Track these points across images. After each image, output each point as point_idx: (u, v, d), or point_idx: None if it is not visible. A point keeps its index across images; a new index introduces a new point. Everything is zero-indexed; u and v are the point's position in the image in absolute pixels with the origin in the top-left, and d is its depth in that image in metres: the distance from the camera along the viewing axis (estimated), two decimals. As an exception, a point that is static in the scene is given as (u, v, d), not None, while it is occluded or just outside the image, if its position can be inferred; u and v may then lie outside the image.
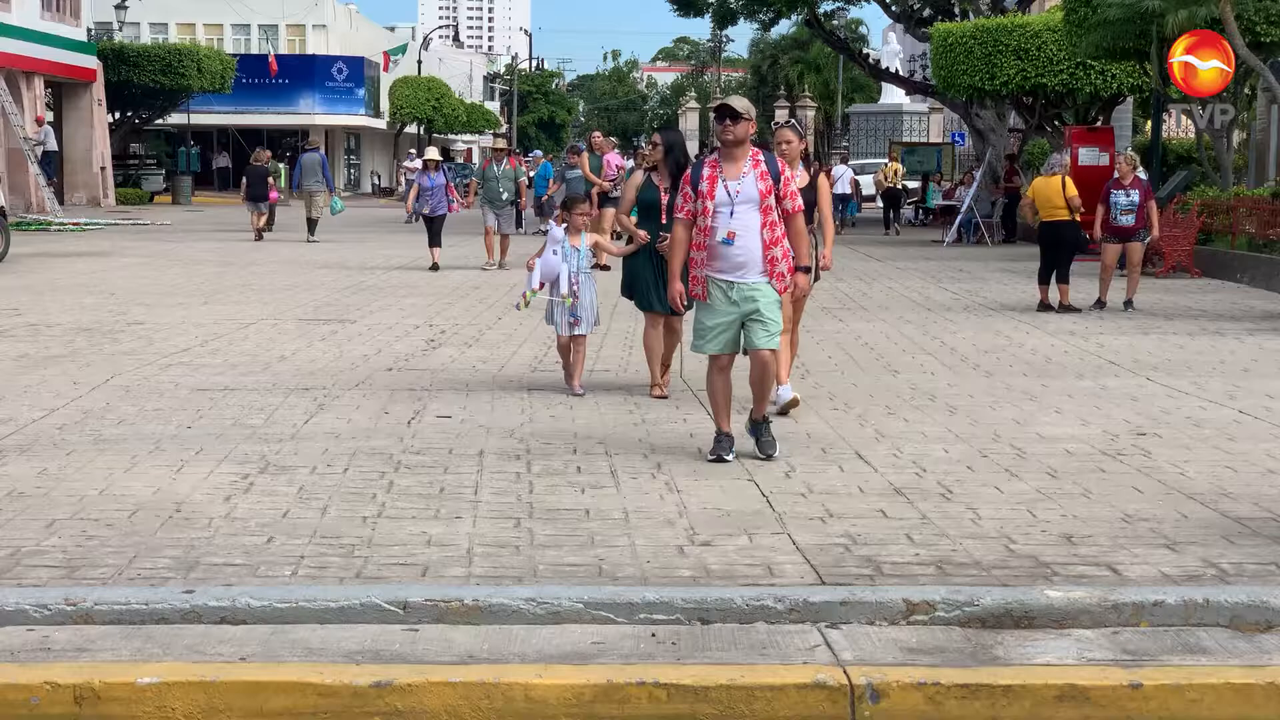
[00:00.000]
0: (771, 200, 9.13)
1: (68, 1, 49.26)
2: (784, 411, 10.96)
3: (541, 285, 12.09)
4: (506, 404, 11.61)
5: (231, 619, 6.23)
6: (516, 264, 23.54)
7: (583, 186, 27.70)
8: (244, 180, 35.75)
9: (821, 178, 11.76)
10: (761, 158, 9.25)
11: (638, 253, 11.82)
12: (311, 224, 33.70)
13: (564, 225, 12.21)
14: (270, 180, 36.25)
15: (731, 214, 9.08)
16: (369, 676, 5.66)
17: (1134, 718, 5.68)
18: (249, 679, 5.65)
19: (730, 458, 9.28)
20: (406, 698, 5.61)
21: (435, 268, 25.20)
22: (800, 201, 9.41)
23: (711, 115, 9.67)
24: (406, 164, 50.93)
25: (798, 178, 10.77)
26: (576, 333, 12.07)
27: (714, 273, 9.18)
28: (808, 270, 9.52)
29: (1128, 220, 19.64)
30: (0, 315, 17.55)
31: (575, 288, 12.00)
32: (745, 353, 9.44)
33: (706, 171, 9.23)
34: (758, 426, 9.52)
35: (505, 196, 25.93)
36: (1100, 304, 19.51)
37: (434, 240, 26.04)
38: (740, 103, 9.23)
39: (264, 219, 34.99)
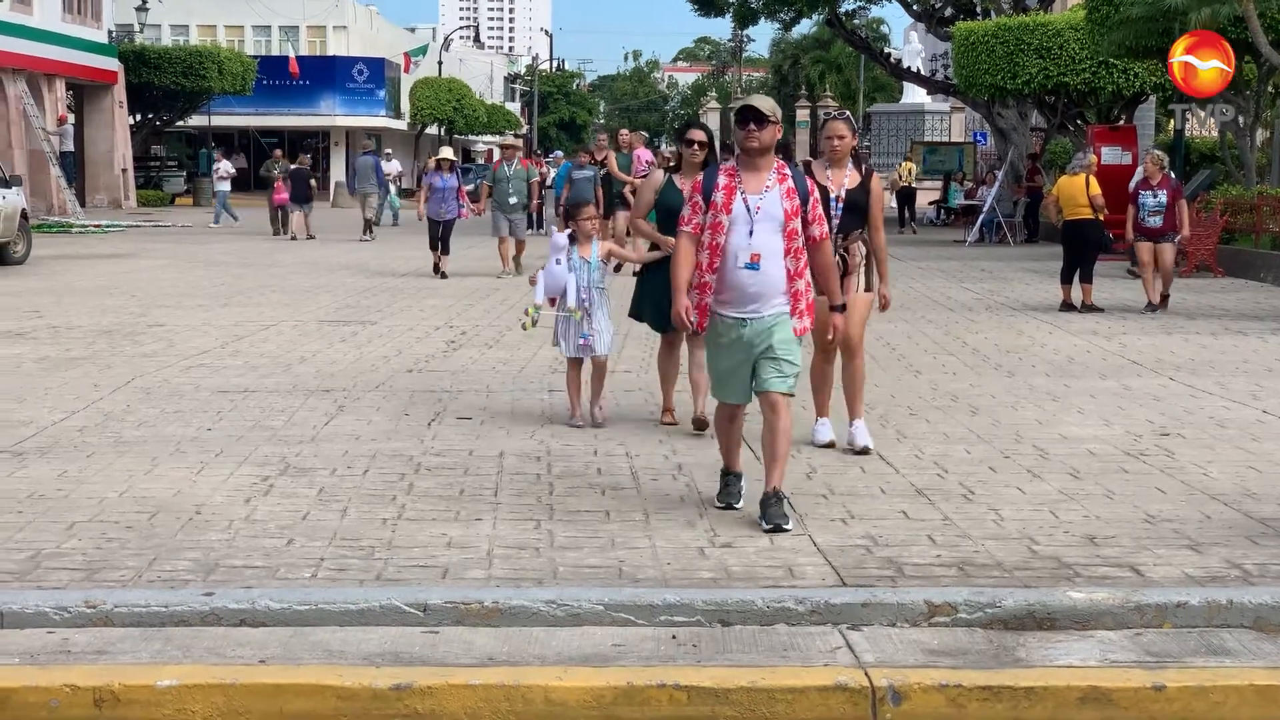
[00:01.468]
0: (797, 223, 7.78)
1: (89, 4, 49.45)
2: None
3: (552, 302, 10.78)
4: (527, 405, 11.60)
5: (251, 621, 6.23)
6: (534, 269, 23.40)
7: (589, 189, 27.02)
8: (289, 182, 36.52)
9: (875, 180, 9.86)
10: (789, 172, 7.91)
11: (656, 265, 10.33)
12: (368, 224, 35.20)
13: (568, 232, 10.88)
14: (283, 183, 36.66)
15: (751, 233, 7.71)
16: (389, 679, 5.65)
17: (1157, 719, 5.65)
18: (268, 681, 5.65)
19: (740, 505, 8.04)
20: (426, 700, 5.60)
21: (441, 275, 23.90)
22: (827, 228, 8.06)
23: (731, 117, 8.31)
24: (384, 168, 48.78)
25: (847, 178, 9.67)
26: (593, 354, 10.69)
27: (723, 308, 7.81)
28: (843, 309, 8.22)
29: (1155, 221, 19.41)
30: (22, 317, 17.60)
31: (586, 304, 10.60)
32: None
33: (723, 180, 7.85)
34: (769, 500, 7.76)
35: (514, 200, 24.27)
36: (1151, 306, 19.20)
37: (441, 246, 24.27)
38: (765, 103, 7.87)
39: (306, 219, 35.63)
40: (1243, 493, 8.57)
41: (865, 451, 9.62)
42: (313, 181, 37.38)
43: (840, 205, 9.60)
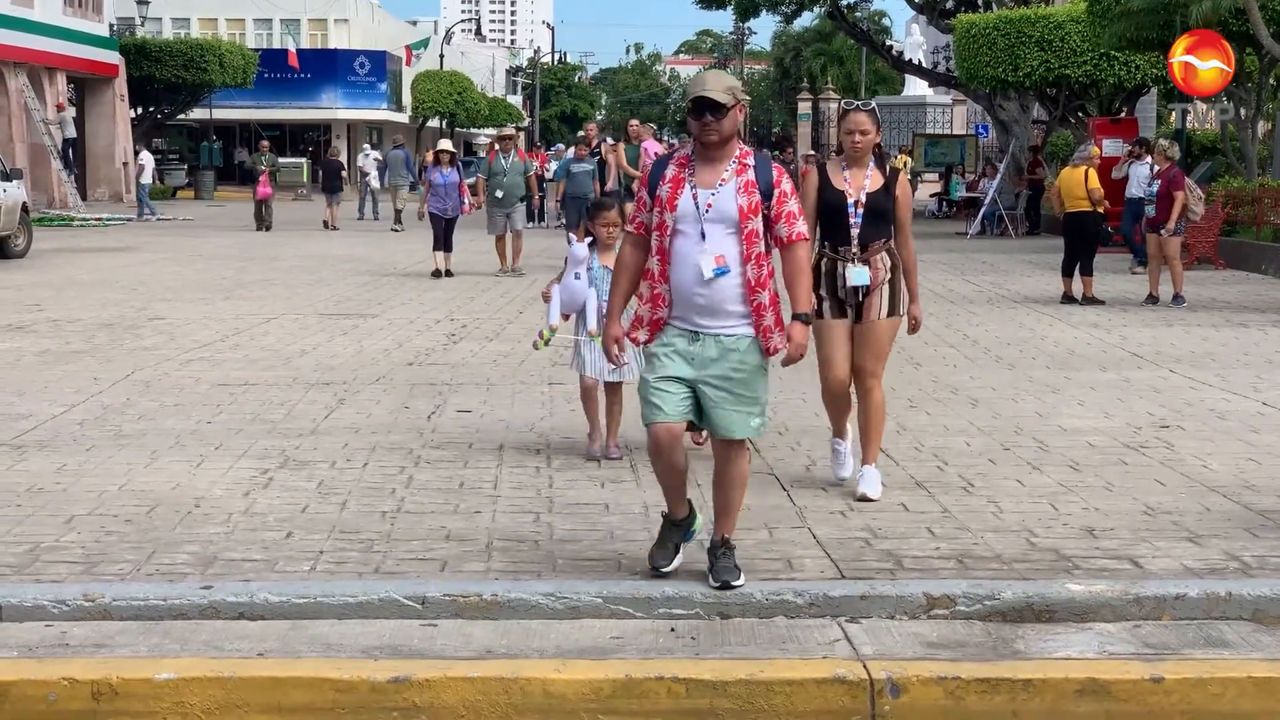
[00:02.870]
0: (758, 224, 6.48)
1: (90, -3, 49.41)
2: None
3: (566, 317, 9.50)
4: (527, 398, 11.60)
5: (250, 614, 6.23)
6: (533, 268, 23.36)
7: (588, 182, 25.73)
8: (320, 173, 36.78)
9: (902, 181, 8.41)
10: (751, 161, 6.55)
11: None
12: (398, 214, 36.12)
13: (587, 240, 9.48)
14: (268, 173, 36.87)
15: (702, 235, 6.45)
16: (387, 672, 5.66)
17: (1155, 712, 5.65)
18: (267, 674, 5.66)
19: (669, 568, 6.70)
20: (424, 693, 5.60)
21: (440, 274, 22.79)
22: (802, 227, 6.62)
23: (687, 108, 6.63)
24: (361, 161, 46.24)
25: (868, 179, 8.27)
26: (610, 379, 9.36)
27: (671, 318, 6.56)
28: (806, 321, 6.65)
29: (1149, 211, 19.57)
30: (23, 311, 17.60)
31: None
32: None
33: (670, 171, 6.58)
34: (718, 549, 6.63)
35: (511, 194, 23.10)
36: (1152, 299, 19.12)
37: (442, 244, 23.15)
38: (720, 84, 6.49)
39: (338, 210, 36.45)
40: (1242, 485, 8.56)
41: (864, 500, 8.23)
42: (343, 173, 37.90)
43: (860, 211, 8.25)
